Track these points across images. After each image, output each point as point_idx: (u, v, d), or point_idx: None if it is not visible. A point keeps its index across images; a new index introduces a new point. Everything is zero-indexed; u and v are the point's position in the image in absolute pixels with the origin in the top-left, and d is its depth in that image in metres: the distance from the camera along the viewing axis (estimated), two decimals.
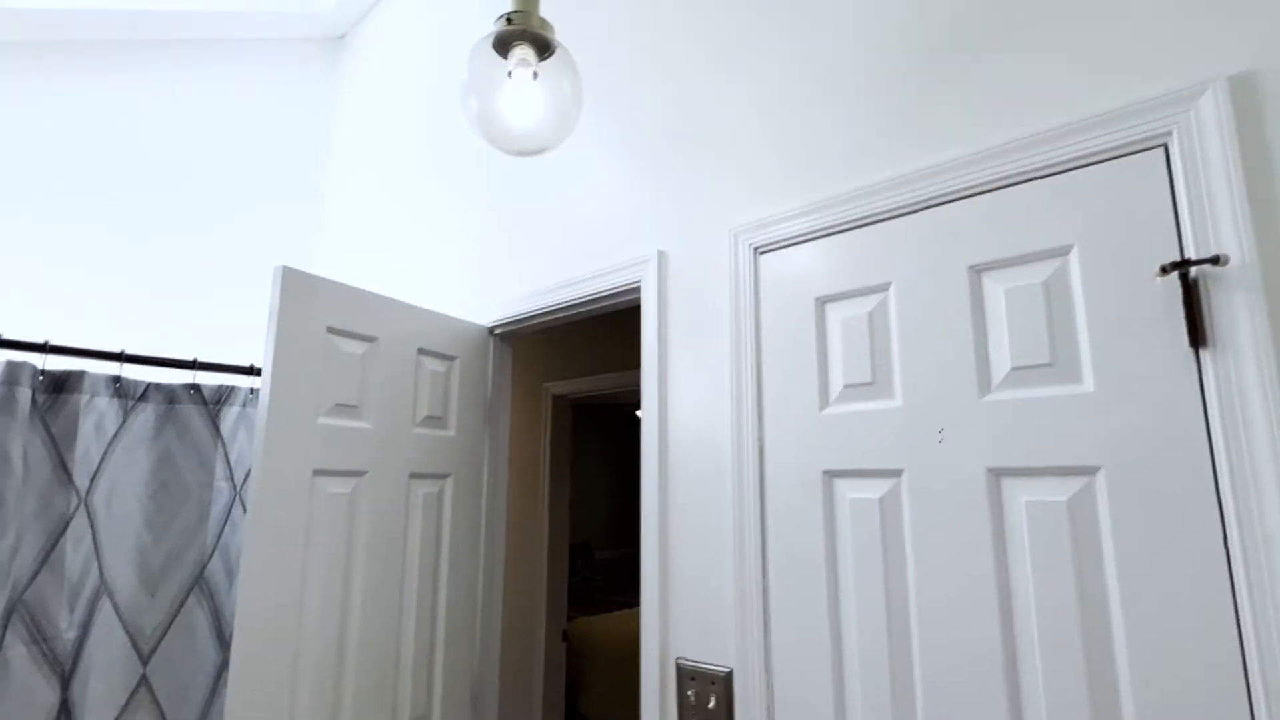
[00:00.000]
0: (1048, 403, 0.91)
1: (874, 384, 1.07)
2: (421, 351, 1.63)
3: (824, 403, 1.13)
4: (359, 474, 1.45)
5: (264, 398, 1.29)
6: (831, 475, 1.10)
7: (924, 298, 1.04)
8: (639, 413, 5.08)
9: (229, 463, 1.58)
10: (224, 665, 1.53)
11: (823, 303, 1.16)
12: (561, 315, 1.67)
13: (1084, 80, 0.94)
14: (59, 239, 1.97)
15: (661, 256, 1.40)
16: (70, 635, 1.33)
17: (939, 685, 0.95)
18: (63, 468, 1.35)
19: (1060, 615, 0.87)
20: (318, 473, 1.37)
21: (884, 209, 1.09)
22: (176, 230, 2.20)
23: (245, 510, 1.61)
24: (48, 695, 1.29)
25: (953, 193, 1.03)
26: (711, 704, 1.16)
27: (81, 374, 1.40)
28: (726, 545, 1.20)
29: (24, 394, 1.32)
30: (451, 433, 1.69)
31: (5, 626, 1.25)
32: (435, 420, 1.65)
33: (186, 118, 2.28)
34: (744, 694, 1.13)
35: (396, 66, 2.43)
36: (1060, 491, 0.89)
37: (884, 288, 1.09)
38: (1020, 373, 0.94)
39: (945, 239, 1.04)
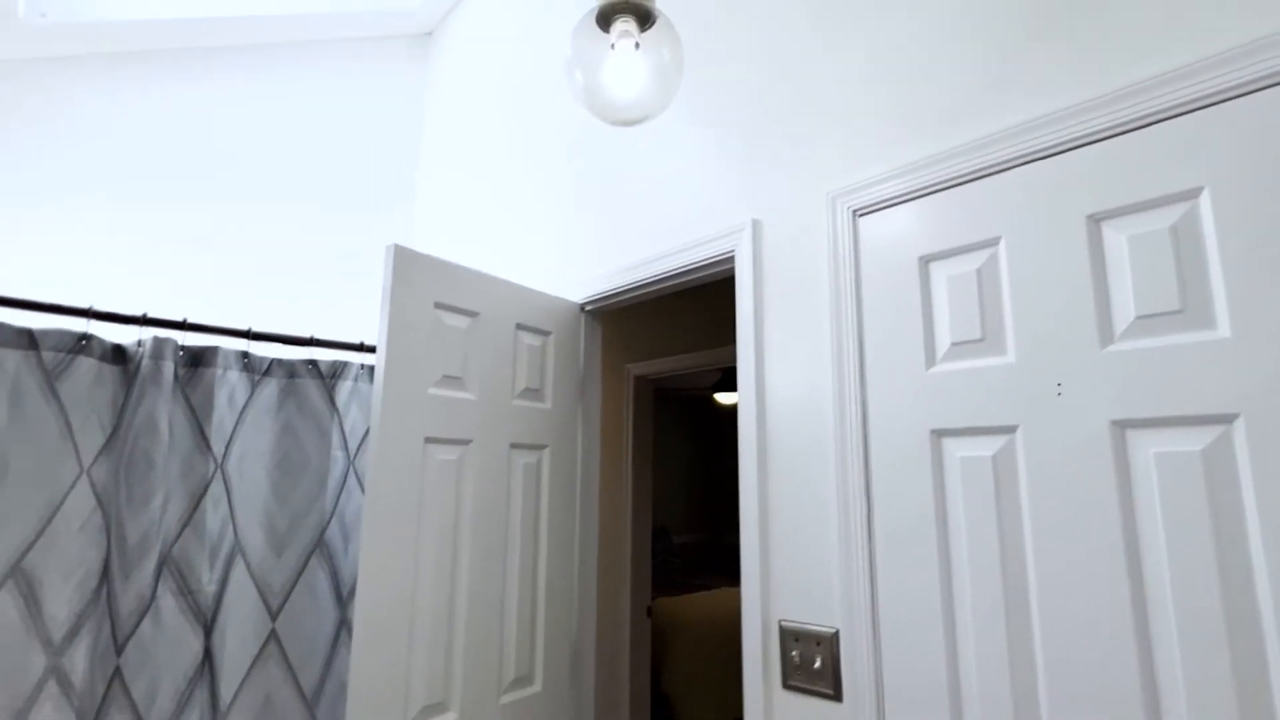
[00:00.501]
0: (1178, 350, 0.87)
1: (984, 340, 1.05)
2: (519, 327, 1.69)
3: (930, 362, 1.11)
4: (465, 442, 1.53)
5: (380, 368, 1.38)
6: (940, 434, 1.08)
7: (1037, 250, 1.01)
8: (718, 396, 5.10)
9: (344, 434, 1.69)
10: (342, 623, 1.64)
11: (926, 261, 1.14)
12: (651, 290, 1.70)
13: (1210, 15, 0.89)
14: (192, 228, 2.15)
15: (756, 225, 1.40)
16: (211, 590, 1.46)
17: (1061, 654, 0.93)
18: (201, 436, 1.48)
19: (1196, 574, 0.83)
20: (429, 440, 1.45)
21: (992, 162, 1.07)
22: (291, 219, 2.36)
23: (358, 479, 1.72)
24: (194, 643, 1.42)
25: (1067, 141, 1.00)
26: (817, 664, 1.17)
27: (216, 349, 1.53)
28: (829, 509, 1.20)
29: (168, 367, 1.45)
30: (548, 405, 1.75)
31: (157, 579, 1.38)
32: (533, 393, 1.71)
33: (291, 117, 2.44)
34: (851, 655, 1.13)
35: (483, 57, 2.52)
36: (1193, 441, 0.85)
37: (993, 243, 1.06)
38: (1146, 321, 0.90)
39: (1060, 189, 1.00)
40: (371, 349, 1.77)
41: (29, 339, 1.33)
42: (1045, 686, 0.94)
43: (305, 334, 1.68)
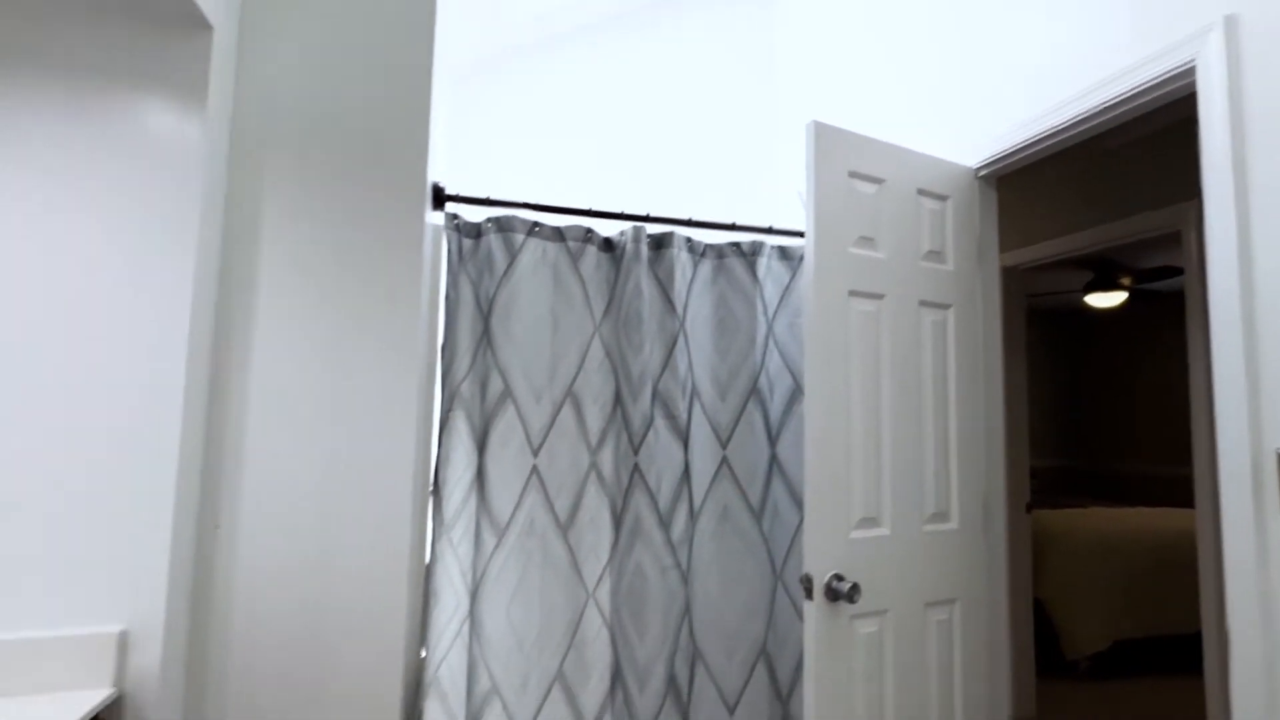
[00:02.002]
0: None
1: None
2: (920, 192, 1.78)
3: None
4: (879, 297, 1.69)
5: (809, 229, 1.60)
6: None
7: None
8: (1090, 298, 4.47)
9: (764, 302, 1.99)
10: (772, 458, 1.98)
11: None
12: (1059, 140, 1.64)
13: None
14: (635, 147, 2.79)
15: (1230, 22, 1.25)
16: (683, 419, 1.89)
17: None
18: (668, 300, 1.90)
19: None
20: (852, 293, 1.64)
21: None
22: (702, 127, 2.86)
23: (775, 341, 2.01)
24: (678, 455, 1.87)
25: None
26: None
27: (670, 235, 1.93)
28: None
29: (642, 250, 1.88)
30: (950, 267, 1.82)
31: (653, 406, 1.85)
32: (935, 255, 1.79)
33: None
34: None
35: None
36: None
37: None
38: None
39: None
40: (780, 231, 2.03)
41: (559, 234, 1.86)
42: None
43: (728, 220, 2.01)
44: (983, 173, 1.87)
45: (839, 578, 1.53)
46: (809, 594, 1.52)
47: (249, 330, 1.53)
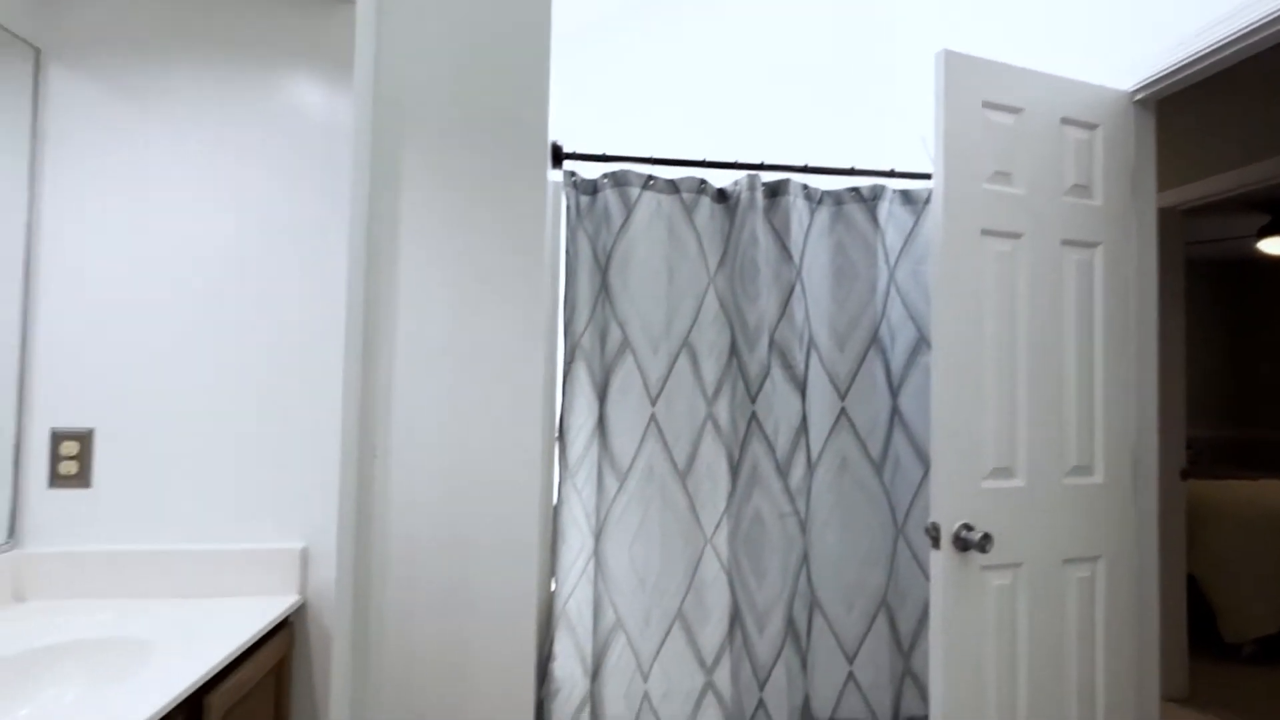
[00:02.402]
0: None
1: None
2: (1064, 121, 1.64)
3: None
4: (1015, 236, 1.58)
5: (938, 165, 1.52)
6: None
7: None
8: (1265, 244, 3.93)
9: (885, 249, 1.92)
10: (894, 410, 1.92)
11: None
12: (1231, 55, 1.47)
13: None
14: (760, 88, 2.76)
15: None
16: (800, 369, 1.88)
17: None
18: (784, 249, 1.87)
19: None
20: (985, 233, 1.55)
21: None
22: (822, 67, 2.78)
23: (898, 289, 1.94)
24: (795, 404, 1.86)
25: None
26: None
27: (786, 182, 1.90)
28: None
29: (757, 199, 1.86)
30: (1098, 202, 1.67)
31: (769, 356, 1.84)
32: (1081, 189, 1.65)
33: None
34: None
35: None
36: None
37: None
38: None
39: None
40: (903, 174, 1.94)
41: (674, 186, 1.88)
42: None
43: (846, 165, 1.94)
44: (1139, 96, 1.69)
45: (968, 527, 1.48)
46: (935, 543, 1.49)
47: (394, 282, 1.67)
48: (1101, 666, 1.63)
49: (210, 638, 1.18)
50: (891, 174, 1.94)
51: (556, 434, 1.88)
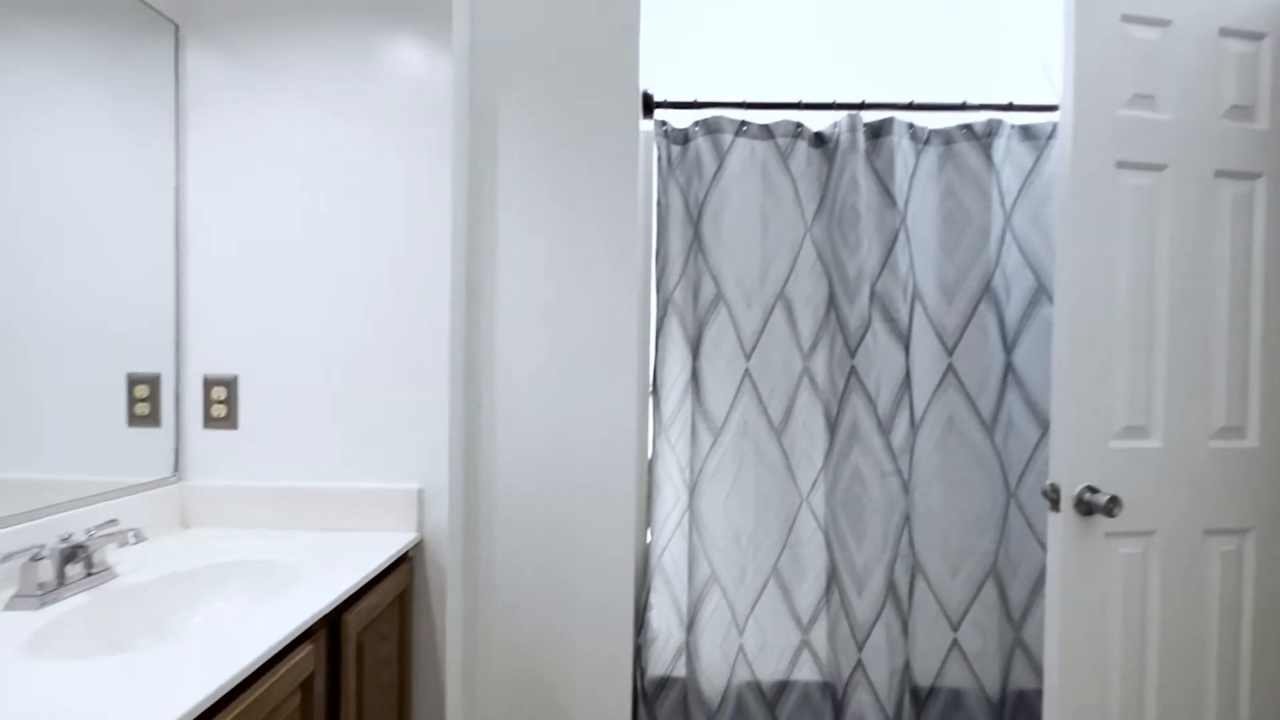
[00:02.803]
0: None
1: None
2: (1223, 32, 1.43)
3: None
4: (1158, 168, 1.41)
5: (1066, 91, 1.37)
6: None
7: None
8: None
9: (1000, 191, 1.77)
10: (1008, 366, 1.79)
11: None
12: None
13: None
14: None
15: None
16: (904, 322, 1.78)
17: None
18: (887, 194, 1.77)
19: None
20: (1120, 165, 1.39)
21: None
22: None
23: (1014, 235, 1.79)
24: (898, 359, 1.78)
25: None
26: None
27: (890, 121, 1.78)
28: None
29: (858, 140, 1.76)
30: (1262, 126, 1.45)
31: (870, 308, 1.76)
32: (1241, 111, 1.44)
33: None
34: None
35: None
36: None
37: None
38: None
39: None
40: (1022, 107, 1.77)
41: (768, 132, 1.81)
42: None
43: (957, 99, 1.79)
44: None
45: (1092, 489, 1.36)
46: (1054, 505, 1.38)
47: (494, 238, 1.72)
48: (1248, 655, 1.47)
49: (343, 565, 1.30)
50: (1009, 107, 1.77)
51: (650, 389, 1.89)
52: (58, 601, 1.10)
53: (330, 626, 1.19)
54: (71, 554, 1.15)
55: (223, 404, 1.58)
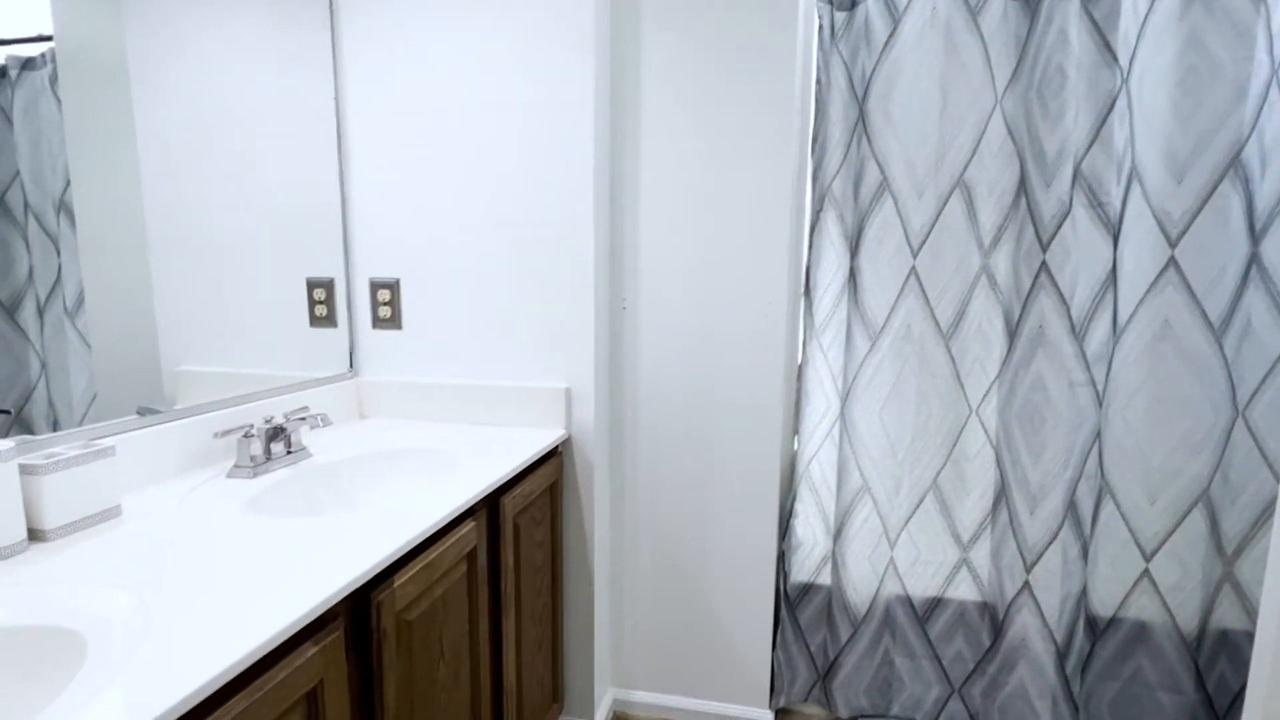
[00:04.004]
0: None
1: None
2: None
3: None
4: None
5: None
6: None
7: None
8: None
9: (1270, 32, 1.39)
10: (1252, 259, 1.47)
11: None
12: None
13: None
14: None
15: None
16: (1115, 207, 1.50)
17: None
18: (1107, 49, 1.45)
19: None
20: None
21: None
22: None
23: (1262, 93, 1.42)
24: (1103, 250, 1.52)
25: None
26: None
27: None
28: None
29: None
30: None
31: (1071, 192, 1.50)
32: None
33: None
34: None
35: None
36: None
37: None
38: None
39: None
40: None
41: None
42: None
43: None
44: None
45: None
46: None
47: (638, 134, 1.64)
48: None
49: (500, 454, 1.37)
50: None
51: (802, 290, 1.77)
52: (267, 473, 1.25)
53: (490, 507, 1.26)
54: (275, 434, 1.29)
55: (387, 305, 1.67)
